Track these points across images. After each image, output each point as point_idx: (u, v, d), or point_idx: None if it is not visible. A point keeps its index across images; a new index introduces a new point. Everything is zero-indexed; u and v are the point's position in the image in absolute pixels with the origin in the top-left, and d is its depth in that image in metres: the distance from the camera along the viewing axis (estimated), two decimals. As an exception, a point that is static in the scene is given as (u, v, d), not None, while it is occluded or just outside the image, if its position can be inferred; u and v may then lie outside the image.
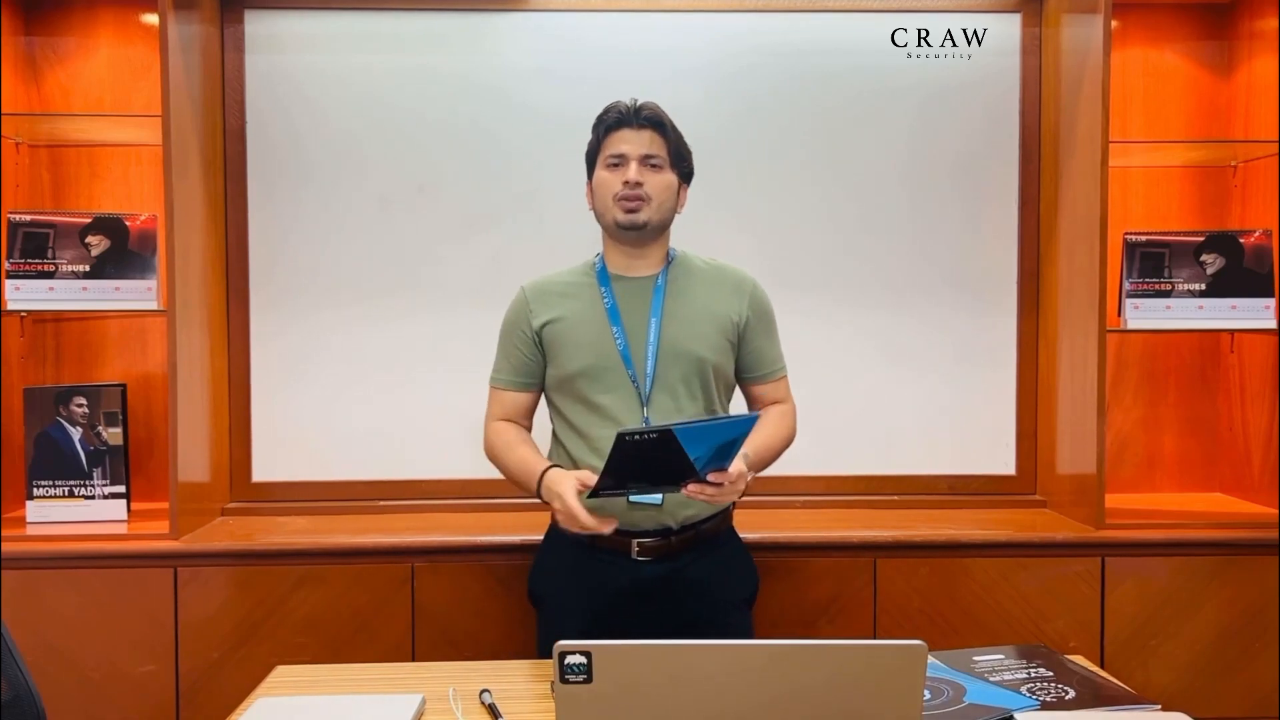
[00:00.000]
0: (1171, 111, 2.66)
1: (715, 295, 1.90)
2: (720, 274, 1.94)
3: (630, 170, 1.83)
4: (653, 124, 1.86)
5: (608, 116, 1.88)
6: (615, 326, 1.85)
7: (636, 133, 1.85)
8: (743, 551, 1.98)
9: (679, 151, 1.90)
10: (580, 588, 1.86)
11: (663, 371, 1.84)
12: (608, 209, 1.86)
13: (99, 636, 2.18)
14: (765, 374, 1.96)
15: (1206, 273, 2.44)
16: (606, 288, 1.89)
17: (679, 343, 1.85)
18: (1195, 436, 2.70)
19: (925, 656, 1.09)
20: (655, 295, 1.87)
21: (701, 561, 1.86)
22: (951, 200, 2.63)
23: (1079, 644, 2.25)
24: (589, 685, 1.08)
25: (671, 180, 1.88)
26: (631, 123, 1.86)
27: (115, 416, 2.41)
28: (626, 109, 1.87)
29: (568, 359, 1.86)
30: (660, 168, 1.86)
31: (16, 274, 2.32)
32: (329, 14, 2.55)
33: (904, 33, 2.60)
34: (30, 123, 2.46)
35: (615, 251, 1.91)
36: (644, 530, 1.82)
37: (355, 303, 2.58)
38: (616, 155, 1.85)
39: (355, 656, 2.16)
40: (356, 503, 2.54)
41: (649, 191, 1.83)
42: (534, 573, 1.98)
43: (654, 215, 1.85)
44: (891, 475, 2.63)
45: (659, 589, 1.83)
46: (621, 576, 1.83)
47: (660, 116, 1.87)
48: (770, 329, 1.96)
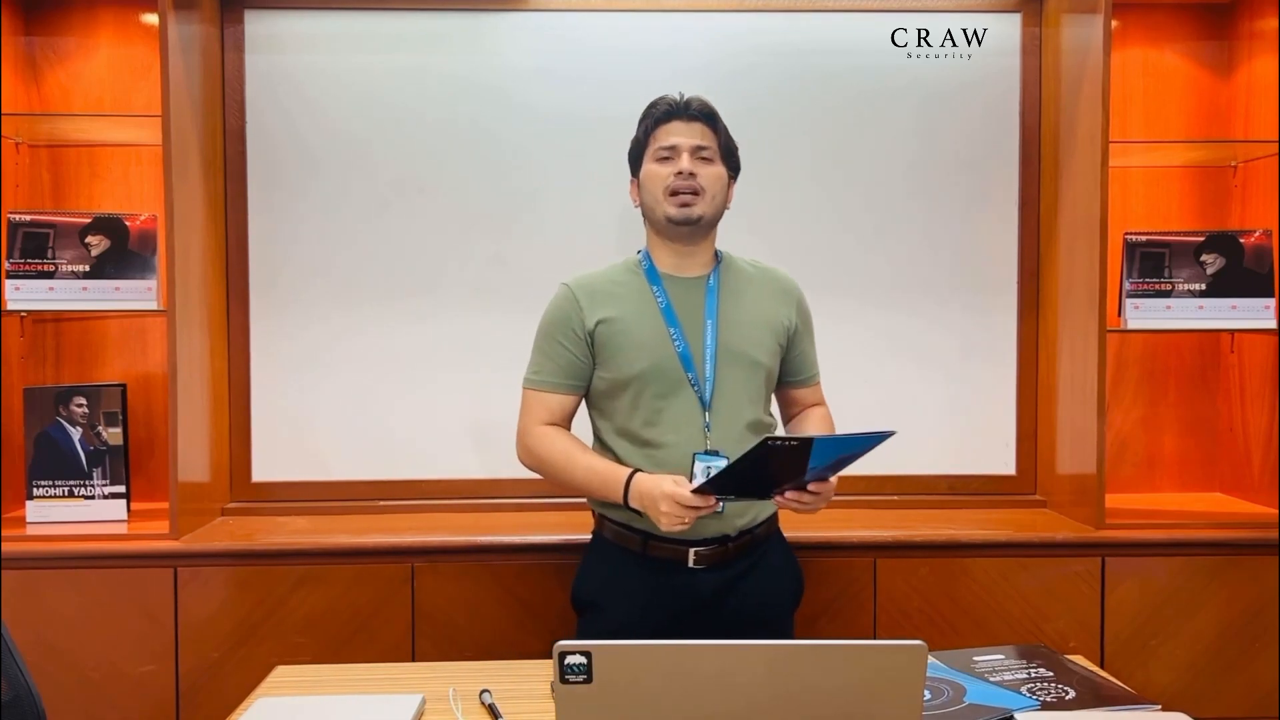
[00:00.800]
0: (1171, 111, 2.66)
1: (767, 299, 1.88)
2: (768, 277, 1.92)
3: (683, 161, 1.79)
4: (704, 116, 1.83)
5: (656, 109, 1.85)
6: (673, 328, 1.80)
7: (688, 125, 1.82)
8: (790, 556, 1.95)
9: (728, 145, 1.87)
10: (630, 596, 1.82)
11: (722, 375, 1.80)
12: (658, 203, 1.81)
13: (99, 636, 2.18)
14: (807, 377, 1.97)
15: (1206, 273, 2.44)
16: (658, 287, 1.83)
17: (736, 346, 1.81)
18: (1195, 436, 2.70)
19: (925, 656, 1.09)
20: (709, 297, 1.83)
21: (754, 569, 1.84)
22: (951, 200, 2.63)
23: (1079, 644, 2.25)
24: (589, 685, 1.08)
25: (722, 173, 1.84)
26: (682, 115, 1.82)
27: (115, 416, 2.41)
28: (676, 101, 1.84)
29: (625, 362, 1.79)
30: (711, 160, 1.82)
31: (16, 274, 2.32)
32: (329, 14, 2.55)
33: (904, 33, 2.59)
34: (30, 123, 2.46)
35: (664, 250, 1.86)
36: (701, 539, 1.78)
37: (356, 303, 2.58)
38: (667, 147, 1.81)
39: (355, 656, 2.16)
40: (356, 503, 2.54)
41: (702, 183, 1.79)
42: (580, 579, 1.91)
43: (707, 209, 1.80)
44: (891, 475, 2.63)
45: (713, 598, 1.80)
46: (675, 585, 1.80)
47: (711, 109, 1.85)
48: (811, 333, 1.98)
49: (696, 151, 1.80)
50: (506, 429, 2.59)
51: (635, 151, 1.89)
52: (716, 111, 1.86)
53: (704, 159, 1.81)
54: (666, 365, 1.78)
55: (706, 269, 1.86)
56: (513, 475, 2.57)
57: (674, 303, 1.82)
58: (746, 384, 1.82)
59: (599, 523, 1.91)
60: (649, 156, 1.83)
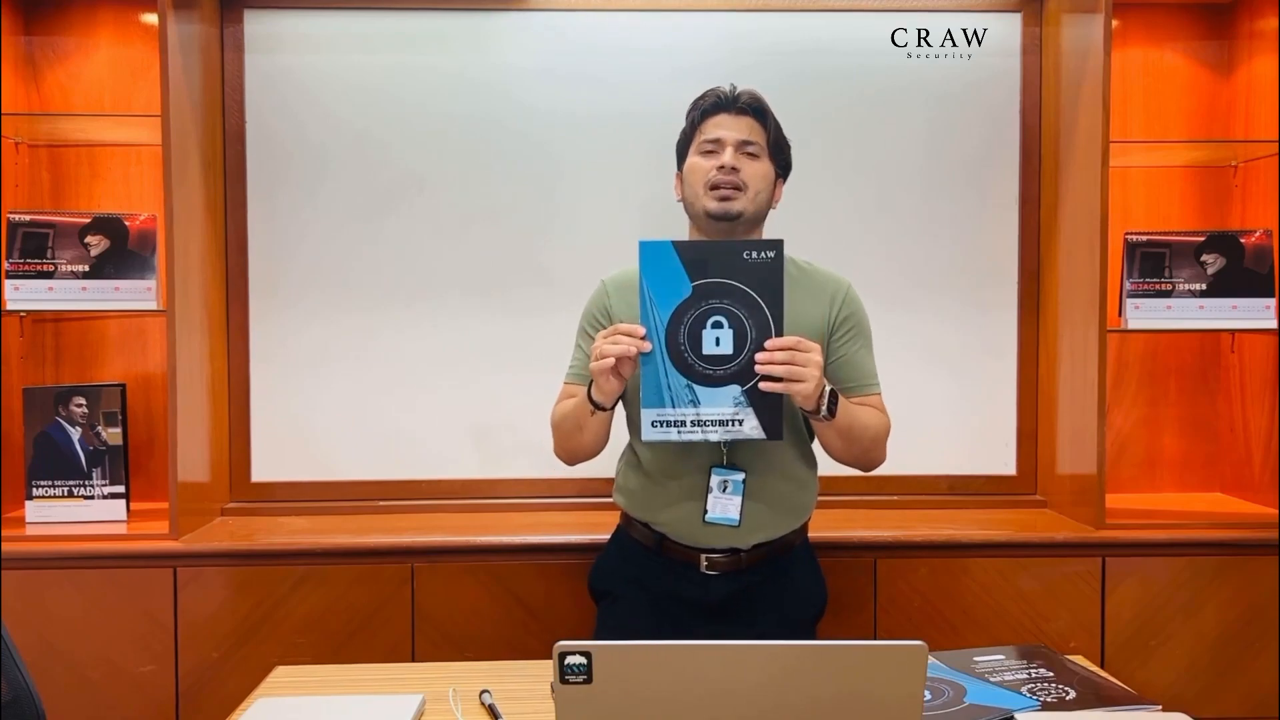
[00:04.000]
0: (1171, 111, 2.66)
1: (804, 301, 1.78)
2: (811, 278, 1.82)
3: (726, 155, 1.72)
4: (753, 110, 1.76)
5: (704, 101, 1.79)
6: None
7: (735, 118, 1.76)
8: (814, 568, 1.91)
9: (778, 142, 1.79)
10: (648, 590, 1.81)
11: None
12: (698, 197, 1.74)
13: (99, 636, 2.18)
14: (854, 386, 1.80)
15: (1207, 273, 2.44)
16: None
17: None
18: (1195, 436, 2.70)
19: (925, 656, 1.09)
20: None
21: (772, 580, 1.80)
22: (951, 200, 2.63)
23: (1079, 644, 2.25)
24: (589, 685, 1.08)
25: (769, 170, 1.77)
26: (730, 108, 1.76)
27: (115, 416, 2.41)
28: (725, 94, 1.78)
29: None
30: (758, 156, 1.75)
31: (16, 274, 2.32)
32: (329, 14, 2.55)
33: (904, 33, 2.59)
34: (30, 123, 2.46)
35: None
36: (713, 547, 1.75)
37: (356, 302, 2.58)
38: (712, 140, 1.75)
39: (355, 656, 2.16)
40: (356, 503, 2.54)
41: (745, 179, 1.72)
42: (597, 570, 1.91)
43: (749, 206, 1.73)
44: (891, 475, 2.62)
45: (725, 607, 1.77)
46: (688, 587, 1.78)
47: (761, 103, 1.78)
48: (864, 338, 1.83)
49: (742, 146, 1.75)
50: (507, 429, 2.61)
51: (681, 144, 1.83)
52: (768, 106, 1.79)
53: (749, 155, 1.75)
54: None
55: None
56: (513, 475, 2.59)
57: None
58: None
59: (623, 516, 1.89)
60: (694, 149, 1.78)
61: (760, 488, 1.74)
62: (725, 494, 1.72)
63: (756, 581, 1.79)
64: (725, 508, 1.73)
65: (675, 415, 1.61)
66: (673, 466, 1.77)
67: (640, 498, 1.83)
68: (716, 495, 1.72)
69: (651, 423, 1.61)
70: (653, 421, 1.61)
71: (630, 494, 1.85)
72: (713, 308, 1.60)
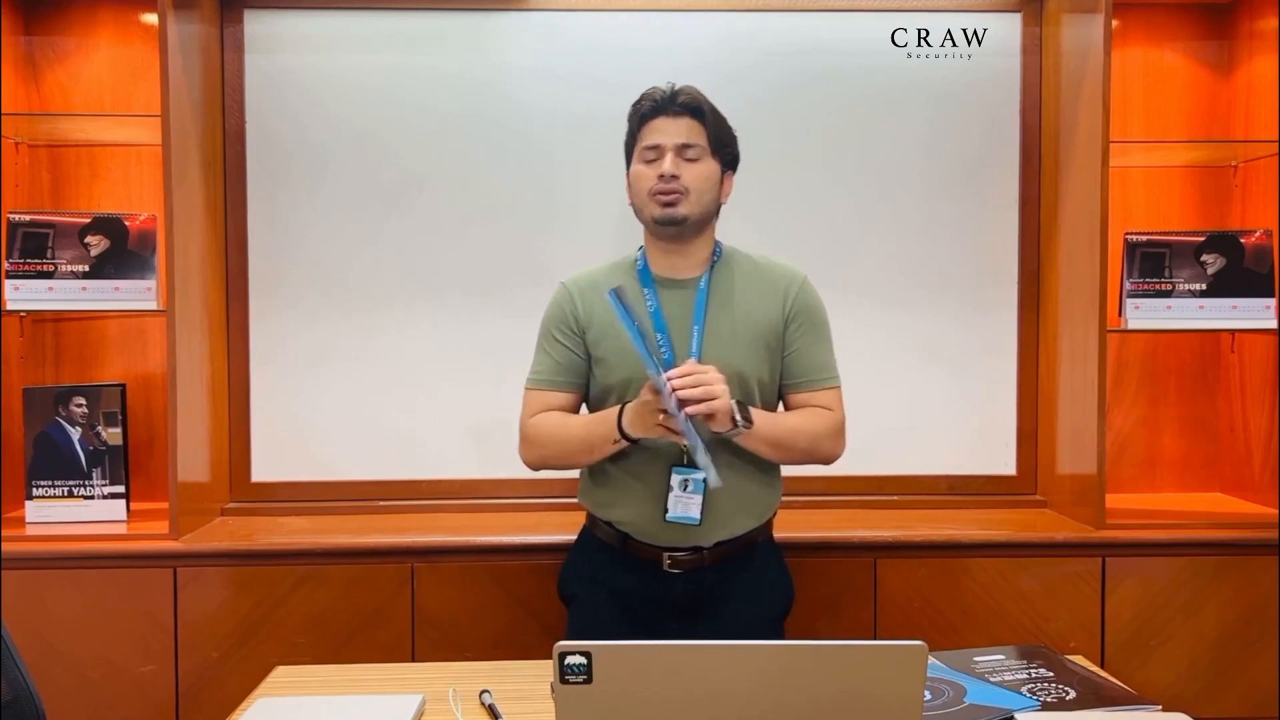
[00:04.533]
0: (1171, 111, 2.66)
1: (757, 299, 1.79)
2: (765, 273, 1.82)
3: (665, 163, 1.72)
4: (690, 110, 1.76)
5: (642, 105, 1.79)
6: (659, 334, 1.75)
7: (673, 121, 1.75)
8: (779, 566, 1.92)
9: (720, 138, 1.78)
10: (613, 591, 1.82)
11: None
12: (644, 204, 1.76)
13: (99, 636, 2.18)
14: (804, 381, 1.80)
15: (1207, 273, 2.44)
16: (650, 290, 1.79)
17: (719, 356, 1.72)
18: (1195, 436, 2.70)
19: (925, 656, 1.09)
20: (698, 301, 1.77)
21: (735, 578, 1.80)
22: (951, 200, 2.63)
23: (1079, 644, 2.25)
24: (589, 685, 1.08)
25: (712, 170, 1.77)
26: (667, 110, 1.76)
27: (115, 416, 2.41)
28: (662, 95, 1.77)
29: (609, 369, 1.78)
30: (698, 158, 1.75)
31: (16, 274, 2.32)
32: (329, 14, 2.55)
33: (904, 33, 2.59)
34: (30, 123, 2.46)
35: (656, 250, 1.81)
36: (675, 545, 1.76)
37: (356, 303, 2.58)
38: (652, 146, 1.75)
39: (355, 656, 2.16)
40: (356, 503, 2.54)
41: (686, 184, 1.73)
42: (565, 573, 1.93)
43: (693, 209, 1.73)
44: (892, 475, 2.63)
45: (688, 605, 1.79)
46: (652, 586, 1.79)
47: (698, 102, 1.77)
48: (816, 331, 1.82)
49: (681, 151, 1.74)
50: (507, 429, 2.59)
51: (626, 149, 1.84)
52: (706, 103, 1.78)
53: (689, 158, 1.74)
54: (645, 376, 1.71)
55: (700, 269, 1.80)
56: (513, 475, 2.57)
57: (664, 307, 1.77)
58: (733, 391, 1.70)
59: (587, 517, 1.91)
60: (636, 155, 1.78)
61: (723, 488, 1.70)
62: (686, 493, 1.73)
63: (720, 579, 1.79)
64: (686, 506, 1.73)
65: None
66: (636, 466, 1.77)
67: (604, 498, 1.83)
68: (677, 494, 1.72)
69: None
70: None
71: (594, 494, 1.86)
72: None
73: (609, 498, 1.83)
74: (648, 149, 1.76)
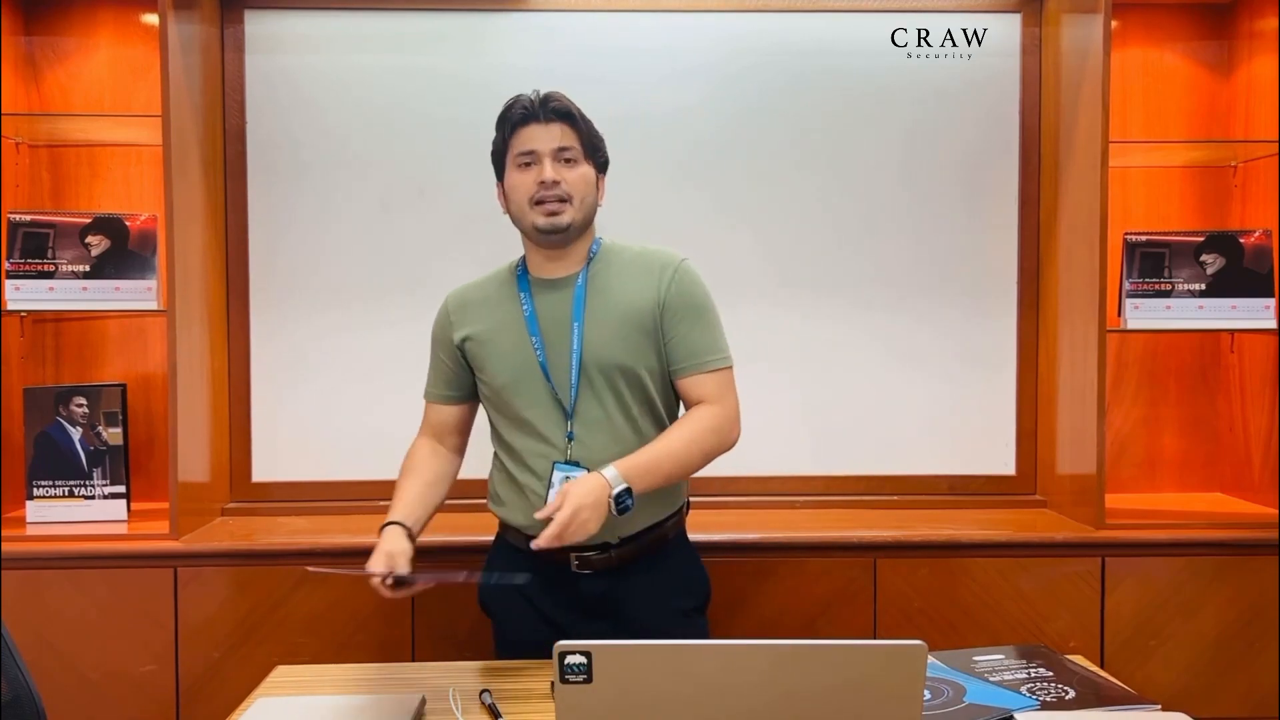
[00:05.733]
0: (1171, 111, 2.66)
1: (633, 287, 1.75)
2: (643, 261, 1.78)
3: (545, 169, 1.71)
4: (561, 116, 1.74)
5: (512, 113, 1.76)
6: (534, 337, 1.74)
7: (545, 127, 1.73)
8: (693, 558, 1.88)
9: (592, 142, 1.77)
10: (524, 598, 1.77)
11: (587, 381, 1.72)
12: (524, 213, 1.73)
13: (99, 636, 2.18)
14: (688, 366, 1.74)
15: (1206, 273, 2.44)
16: (526, 294, 1.78)
17: (598, 349, 1.71)
18: (1195, 436, 2.70)
19: (925, 656, 1.09)
20: (576, 298, 1.75)
21: (647, 573, 1.77)
22: (951, 200, 2.63)
23: (1079, 644, 2.25)
24: (589, 685, 1.08)
25: (589, 173, 1.75)
26: (539, 117, 1.73)
27: (115, 416, 2.41)
28: (532, 102, 1.75)
29: (492, 373, 1.78)
30: (575, 161, 1.73)
31: (16, 274, 2.32)
32: (329, 14, 2.55)
33: (904, 33, 2.59)
34: (30, 123, 2.46)
35: (535, 253, 1.79)
36: (579, 545, 1.67)
37: (356, 303, 2.58)
38: (527, 153, 1.72)
39: (355, 656, 2.16)
40: (356, 503, 2.54)
41: (568, 190, 1.71)
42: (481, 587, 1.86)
43: (577, 215, 1.72)
44: (891, 475, 2.63)
45: (600, 605, 1.75)
46: (562, 590, 1.75)
47: (569, 107, 1.75)
48: (696, 314, 1.75)
49: (559, 154, 1.72)
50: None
51: (496, 157, 1.80)
52: (576, 108, 1.76)
53: (567, 161, 1.73)
54: (528, 376, 1.74)
55: (578, 267, 1.78)
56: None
57: (540, 309, 1.76)
58: (612, 390, 1.72)
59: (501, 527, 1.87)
60: (510, 163, 1.75)
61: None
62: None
63: (630, 577, 1.75)
64: None
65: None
66: (524, 468, 1.76)
67: (500, 499, 1.83)
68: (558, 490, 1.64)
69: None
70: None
71: (498, 499, 1.84)
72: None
73: (503, 498, 1.82)
74: (522, 155, 1.73)
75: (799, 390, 2.62)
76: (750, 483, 2.55)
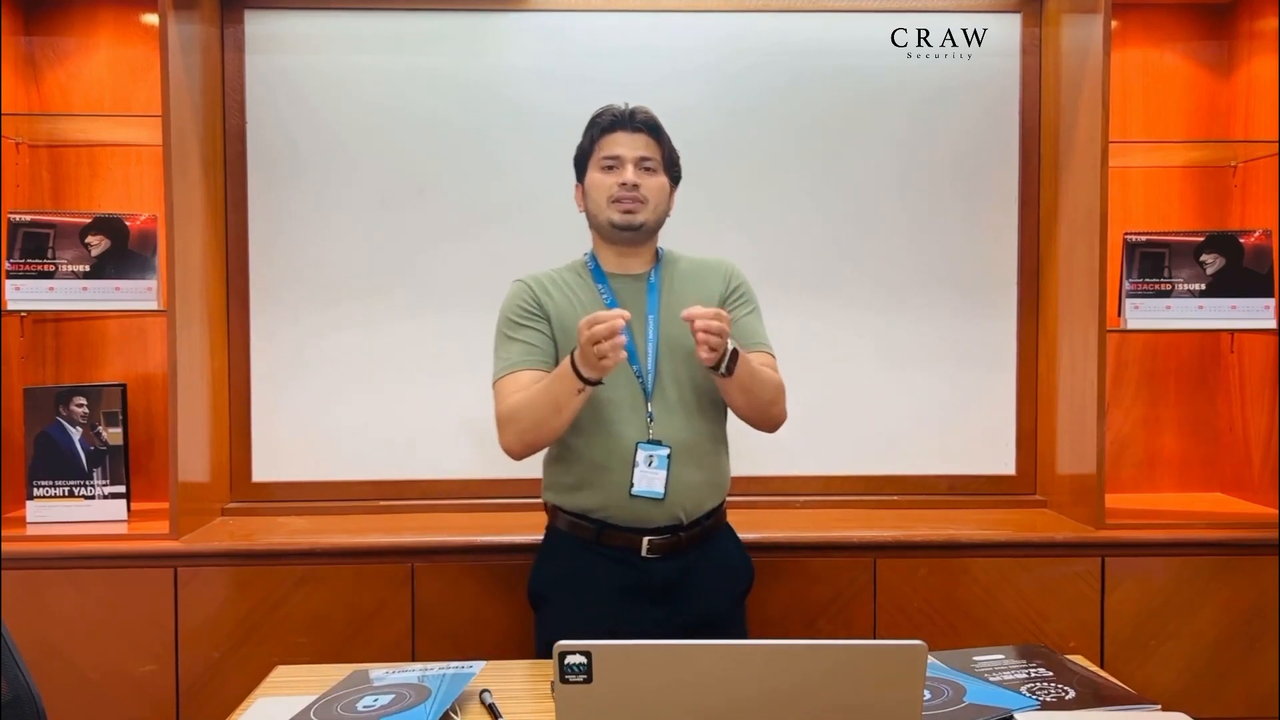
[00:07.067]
0: (1171, 111, 2.66)
1: (699, 285, 1.92)
2: (702, 265, 1.97)
3: (627, 172, 1.85)
4: (648, 128, 1.89)
5: (602, 119, 1.90)
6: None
7: (632, 136, 1.87)
8: (740, 546, 1.99)
9: (670, 156, 1.93)
10: (584, 588, 1.85)
11: (664, 367, 1.85)
12: (601, 210, 1.88)
13: (99, 636, 2.18)
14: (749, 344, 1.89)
15: (1206, 273, 2.44)
16: (604, 285, 1.90)
17: (676, 339, 1.84)
18: (1195, 436, 2.70)
19: (925, 656, 1.09)
20: (650, 292, 1.89)
21: (706, 559, 1.87)
22: (951, 200, 2.63)
23: (1079, 644, 2.25)
24: (589, 685, 1.08)
25: (665, 183, 1.90)
26: (627, 126, 1.88)
27: (115, 416, 2.41)
28: (621, 112, 1.89)
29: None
30: (654, 170, 1.88)
31: (16, 274, 2.32)
32: (329, 14, 2.55)
33: (904, 33, 2.60)
34: (30, 123, 2.46)
35: (607, 250, 1.92)
36: (655, 527, 1.82)
37: (355, 303, 2.58)
38: (612, 157, 1.87)
39: (355, 656, 2.16)
40: (356, 503, 2.55)
41: (645, 193, 1.86)
42: (535, 573, 1.95)
43: (650, 216, 1.87)
44: (891, 475, 2.63)
45: (666, 587, 1.83)
46: (629, 574, 1.83)
47: (655, 121, 1.90)
48: (751, 305, 1.96)
49: (640, 163, 1.86)
50: (506, 429, 2.61)
51: (580, 159, 1.94)
52: (660, 123, 1.91)
53: (647, 169, 1.87)
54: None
55: (648, 266, 1.93)
56: (513, 475, 2.57)
57: (619, 299, 1.88)
58: (689, 376, 1.86)
59: (552, 515, 1.93)
60: (594, 165, 1.90)
61: (685, 463, 1.82)
62: (651, 468, 1.81)
63: (692, 562, 1.86)
64: (651, 481, 1.81)
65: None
66: (602, 451, 1.83)
67: (571, 485, 1.87)
68: (643, 470, 1.81)
69: None
70: None
71: (560, 484, 1.89)
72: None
73: (578, 484, 1.86)
74: (607, 159, 1.88)
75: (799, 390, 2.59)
76: (750, 483, 2.55)
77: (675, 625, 1.81)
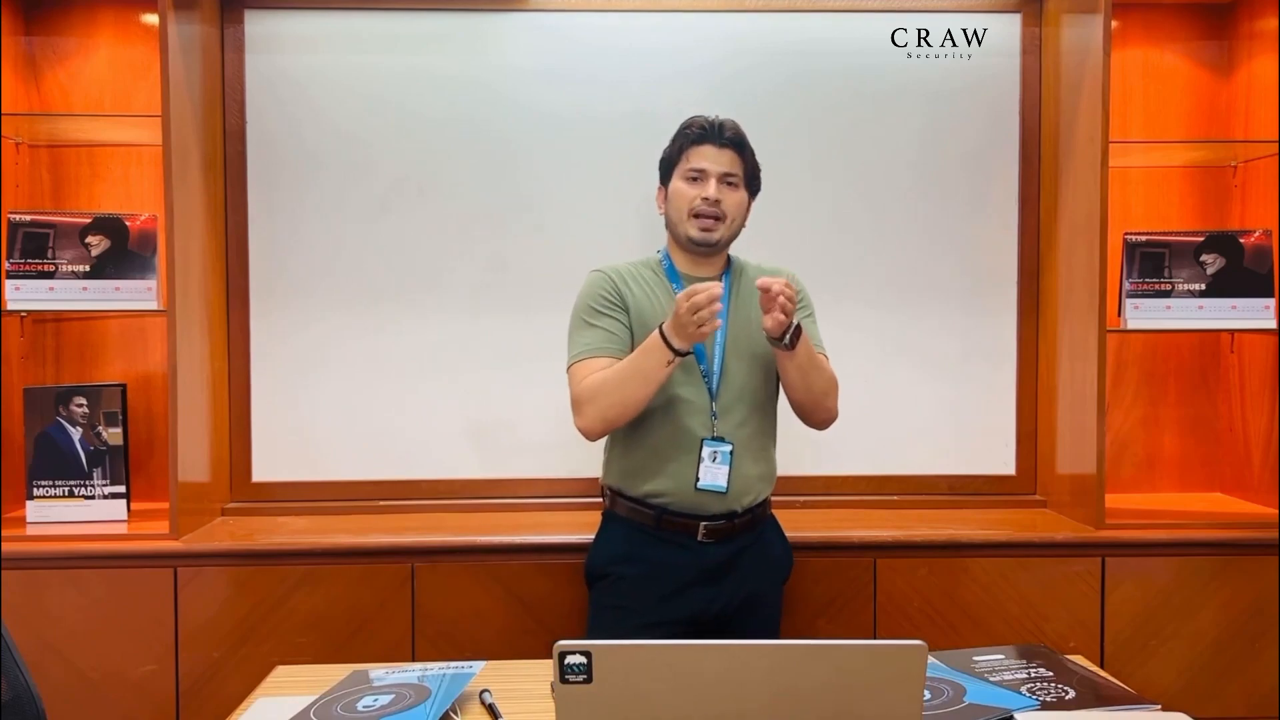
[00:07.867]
0: (1171, 111, 2.66)
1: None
2: (767, 271, 2.03)
3: (710, 187, 1.91)
4: (735, 145, 1.94)
5: (691, 130, 1.95)
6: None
7: (719, 151, 1.93)
8: (783, 536, 2.08)
9: (752, 170, 1.99)
10: (642, 566, 1.92)
11: (729, 367, 1.92)
12: (681, 221, 1.94)
13: (99, 636, 2.18)
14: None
15: (1206, 273, 2.44)
16: (677, 284, 1.95)
17: (743, 341, 1.93)
18: (1195, 436, 2.70)
19: (925, 656, 1.09)
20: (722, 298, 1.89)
21: (755, 544, 1.97)
22: (951, 200, 2.63)
23: (1079, 644, 2.25)
24: (589, 685, 1.08)
25: (744, 198, 1.97)
26: (715, 140, 1.93)
27: (115, 416, 2.41)
28: (711, 125, 1.94)
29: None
30: (736, 185, 1.95)
31: (16, 274, 2.32)
32: (329, 14, 2.55)
33: (904, 33, 2.60)
34: (30, 123, 2.46)
35: (681, 255, 1.99)
36: (711, 514, 1.90)
37: (355, 303, 2.58)
38: (697, 170, 1.93)
39: (355, 656, 2.16)
40: (356, 503, 2.55)
41: (725, 209, 1.92)
42: (594, 553, 2.01)
43: (726, 233, 1.94)
44: (891, 475, 2.63)
45: (717, 569, 1.92)
46: (685, 556, 1.91)
47: (742, 138, 1.96)
48: (809, 309, 2.04)
49: (724, 178, 1.93)
50: (506, 428, 2.61)
51: (666, 165, 2.00)
52: (746, 138, 1.97)
53: (730, 184, 1.94)
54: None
55: (719, 270, 2.00)
56: (513, 475, 2.59)
57: None
58: (751, 376, 1.94)
59: (611, 501, 2.00)
60: (678, 174, 1.95)
61: (744, 458, 1.93)
62: (715, 464, 1.91)
63: (742, 547, 1.95)
64: (715, 476, 1.90)
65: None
66: (667, 444, 1.91)
67: (637, 473, 1.94)
68: (707, 465, 1.90)
69: None
70: None
71: (626, 471, 1.96)
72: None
73: (642, 472, 1.93)
74: (692, 170, 1.94)
75: (799, 390, 2.62)
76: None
77: (721, 603, 1.92)
